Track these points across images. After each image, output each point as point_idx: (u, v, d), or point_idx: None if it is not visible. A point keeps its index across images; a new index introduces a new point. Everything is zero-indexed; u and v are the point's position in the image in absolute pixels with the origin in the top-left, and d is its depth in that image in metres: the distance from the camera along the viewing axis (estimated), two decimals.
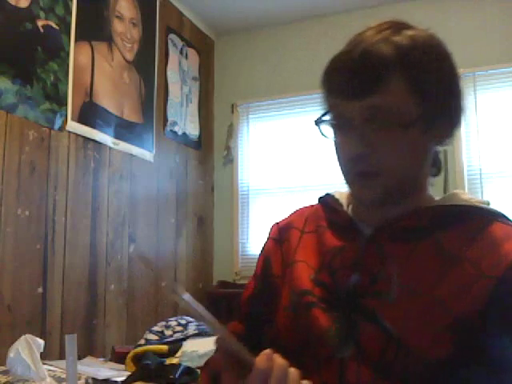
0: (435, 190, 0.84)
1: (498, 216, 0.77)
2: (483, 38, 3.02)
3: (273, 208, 3.31)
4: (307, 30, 3.40)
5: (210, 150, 3.53)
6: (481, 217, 0.76)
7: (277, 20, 3.44)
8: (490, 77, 2.99)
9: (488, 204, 0.79)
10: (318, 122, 0.80)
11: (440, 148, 0.82)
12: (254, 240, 3.36)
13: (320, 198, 0.92)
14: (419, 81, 0.73)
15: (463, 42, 3.04)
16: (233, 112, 3.54)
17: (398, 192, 0.78)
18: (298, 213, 0.94)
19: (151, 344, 1.94)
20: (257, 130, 3.51)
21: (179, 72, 3.24)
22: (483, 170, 2.93)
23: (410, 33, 0.75)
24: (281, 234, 0.92)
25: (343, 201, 0.87)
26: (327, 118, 0.79)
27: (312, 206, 0.94)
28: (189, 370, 1.66)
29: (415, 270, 0.73)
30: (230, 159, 3.50)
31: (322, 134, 0.80)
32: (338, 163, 0.81)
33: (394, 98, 0.72)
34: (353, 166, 0.76)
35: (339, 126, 0.78)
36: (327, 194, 0.91)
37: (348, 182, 0.80)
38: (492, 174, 2.92)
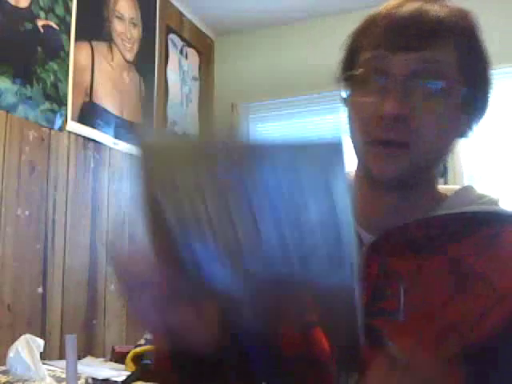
0: None
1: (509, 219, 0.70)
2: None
3: None
4: (307, 30, 3.40)
5: None
6: (496, 223, 0.69)
7: (277, 20, 3.44)
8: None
9: (498, 201, 0.73)
10: (348, 77, 0.69)
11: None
12: None
13: None
14: (467, 53, 0.67)
15: None
16: (233, 112, 3.54)
17: (421, 175, 0.69)
18: None
19: (151, 344, 1.94)
20: (257, 130, 3.51)
21: (179, 72, 3.24)
22: (483, 170, 2.93)
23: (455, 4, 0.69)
24: None
25: None
26: (357, 74, 0.68)
27: None
28: None
29: (426, 287, 0.65)
30: None
31: (345, 93, 0.70)
32: (351, 129, 0.69)
33: (446, 57, 0.65)
34: (381, 131, 0.65)
35: (373, 83, 0.66)
36: None
37: (365, 151, 0.68)
38: (492, 174, 2.92)
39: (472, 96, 0.68)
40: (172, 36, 3.18)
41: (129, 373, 1.73)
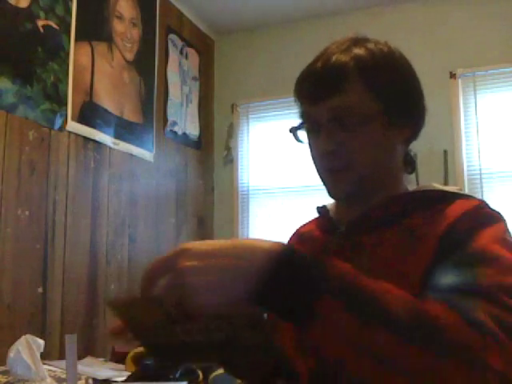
0: None
1: (463, 196, 0.82)
2: (483, 38, 3.01)
3: (273, 208, 3.31)
4: (307, 30, 3.40)
5: (210, 149, 3.53)
6: (447, 199, 0.82)
7: (277, 20, 3.44)
8: (490, 77, 2.99)
9: (458, 190, 0.85)
10: (293, 129, 0.89)
11: (410, 148, 0.90)
12: None
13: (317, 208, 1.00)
14: (375, 81, 0.81)
15: (463, 41, 3.04)
16: (233, 112, 3.54)
17: (370, 185, 0.84)
18: (308, 224, 1.01)
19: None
20: (257, 130, 3.51)
21: (179, 72, 3.24)
22: (483, 170, 2.93)
23: (366, 44, 0.84)
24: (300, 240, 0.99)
25: (331, 208, 0.95)
26: (300, 124, 0.88)
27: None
28: (189, 370, 1.66)
29: (385, 254, 0.78)
30: (230, 159, 3.50)
31: (298, 140, 0.89)
32: (313, 165, 0.89)
33: (353, 98, 0.80)
34: (324, 163, 0.84)
35: (310, 130, 0.86)
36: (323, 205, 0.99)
37: (322, 179, 0.87)
38: (492, 174, 2.92)
39: (394, 110, 0.82)
40: (172, 36, 3.18)
41: (129, 373, 1.73)
